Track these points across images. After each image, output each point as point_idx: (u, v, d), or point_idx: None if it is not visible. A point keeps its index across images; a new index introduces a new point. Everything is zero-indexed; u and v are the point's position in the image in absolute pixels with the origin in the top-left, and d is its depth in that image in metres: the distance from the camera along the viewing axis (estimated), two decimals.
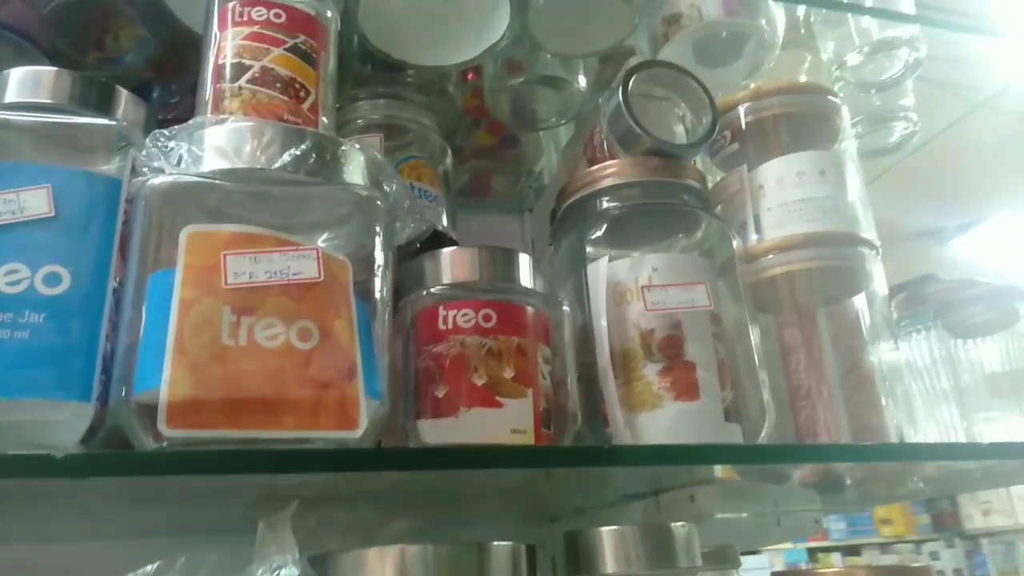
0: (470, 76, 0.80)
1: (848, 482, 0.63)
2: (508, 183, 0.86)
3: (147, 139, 0.43)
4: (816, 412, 0.61)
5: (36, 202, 0.40)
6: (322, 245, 0.43)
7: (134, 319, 0.39)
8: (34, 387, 0.37)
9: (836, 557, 4.26)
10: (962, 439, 0.60)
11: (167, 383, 0.37)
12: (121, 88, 0.47)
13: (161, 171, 0.41)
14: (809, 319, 0.63)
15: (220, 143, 0.42)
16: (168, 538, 0.51)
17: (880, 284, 0.58)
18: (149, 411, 0.37)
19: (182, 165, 0.41)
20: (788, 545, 3.85)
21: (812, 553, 4.21)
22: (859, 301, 0.63)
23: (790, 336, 0.63)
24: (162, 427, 0.36)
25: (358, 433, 0.40)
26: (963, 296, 0.59)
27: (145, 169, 0.42)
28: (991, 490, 4.23)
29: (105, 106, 0.46)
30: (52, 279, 0.39)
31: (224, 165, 0.41)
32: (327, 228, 0.44)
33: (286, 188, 0.43)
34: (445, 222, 0.63)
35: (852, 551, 4.31)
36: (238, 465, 0.37)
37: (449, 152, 0.68)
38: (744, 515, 0.85)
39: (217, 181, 0.41)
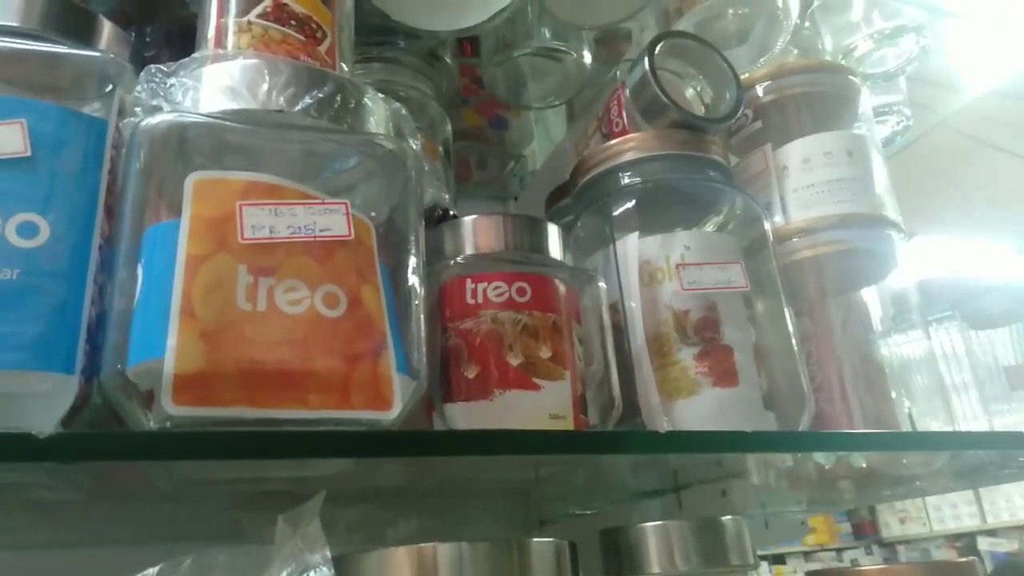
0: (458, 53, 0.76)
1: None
2: (494, 168, 0.81)
3: (141, 74, 0.37)
4: (829, 405, 0.59)
5: (8, 138, 0.33)
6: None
7: (127, 280, 0.33)
8: (8, 355, 0.30)
9: (763, 566, 4.34)
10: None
11: (173, 352, 0.31)
12: (104, 17, 0.40)
13: (159, 110, 0.35)
14: (822, 308, 0.60)
15: (230, 81, 0.36)
16: (143, 546, 0.44)
17: (907, 270, 0.56)
18: (148, 386, 0.31)
19: (185, 104, 0.36)
20: None
21: None
22: (869, 290, 0.61)
23: (802, 326, 0.61)
24: (166, 403, 0.30)
25: (393, 414, 0.34)
26: (980, 286, 0.58)
27: (138, 109, 0.36)
28: (908, 500, 4.41)
29: (85, 36, 0.39)
30: (27, 229, 0.33)
31: (235, 106, 0.36)
32: (348, 185, 0.39)
33: (303, 136, 0.38)
34: (447, 198, 0.58)
35: (778, 560, 4.39)
36: (258, 449, 0.32)
37: (449, 122, 0.63)
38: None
39: (228, 122, 0.35)
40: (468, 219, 0.45)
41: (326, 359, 0.34)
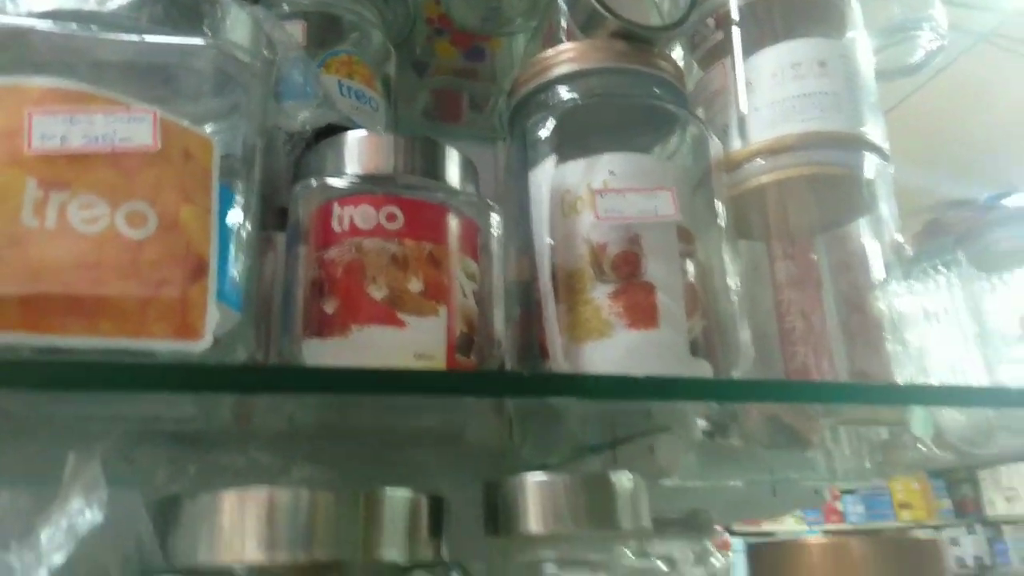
0: None
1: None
2: (477, 105, 0.76)
3: None
4: (810, 358, 0.52)
5: None
6: (181, 120, 0.34)
7: None
8: None
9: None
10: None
11: None
12: None
13: None
14: (806, 249, 0.53)
15: None
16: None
17: (890, 205, 0.48)
18: None
19: None
20: (802, 527, 3.76)
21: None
22: (866, 229, 0.53)
23: (783, 270, 0.54)
24: None
25: (201, 344, 0.31)
26: (987, 220, 0.49)
27: None
28: (1017, 477, 4.10)
29: None
30: None
31: (41, 6, 0.32)
32: (186, 98, 0.36)
33: (127, 46, 0.34)
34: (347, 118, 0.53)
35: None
36: (34, 378, 0.29)
37: (393, 55, 0.58)
38: (734, 483, 0.76)
39: (29, 23, 0.32)
40: (350, 136, 0.41)
41: (121, 283, 0.30)
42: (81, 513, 0.28)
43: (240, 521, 0.32)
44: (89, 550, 0.30)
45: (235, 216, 0.35)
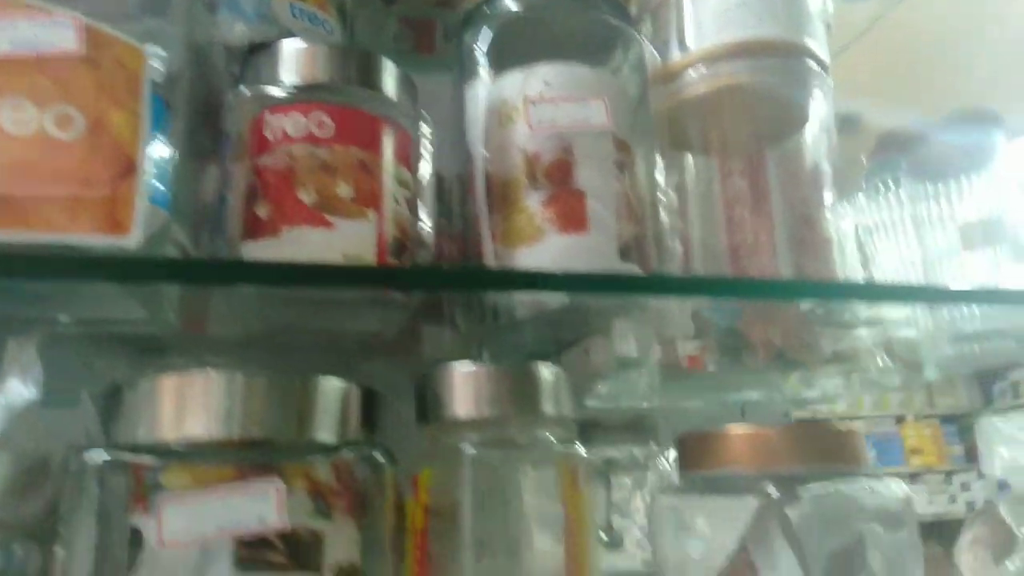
0: None
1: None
2: (449, 36, 0.76)
3: None
4: (756, 268, 0.53)
5: None
6: (115, 31, 0.36)
7: None
8: None
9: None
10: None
11: None
12: None
13: None
14: (756, 166, 0.54)
15: None
16: None
17: (828, 116, 0.49)
18: None
19: None
20: None
21: None
22: (809, 142, 0.53)
23: (734, 187, 0.55)
24: None
25: (130, 240, 0.33)
26: (932, 129, 0.49)
27: None
28: None
29: None
30: None
31: None
32: (117, 18, 0.37)
33: None
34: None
35: None
36: None
37: None
38: (702, 403, 0.78)
39: None
40: (285, 45, 0.42)
41: (49, 181, 0.32)
42: (18, 392, 0.30)
43: (178, 402, 0.34)
44: (27, 432, 0.32)
45: (165, 121, 0.37)
